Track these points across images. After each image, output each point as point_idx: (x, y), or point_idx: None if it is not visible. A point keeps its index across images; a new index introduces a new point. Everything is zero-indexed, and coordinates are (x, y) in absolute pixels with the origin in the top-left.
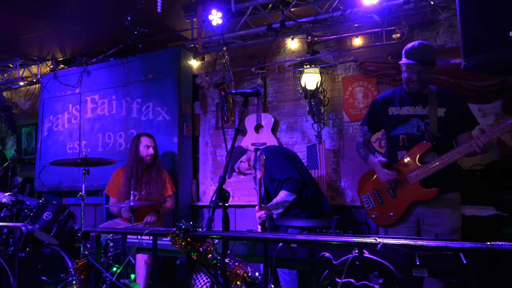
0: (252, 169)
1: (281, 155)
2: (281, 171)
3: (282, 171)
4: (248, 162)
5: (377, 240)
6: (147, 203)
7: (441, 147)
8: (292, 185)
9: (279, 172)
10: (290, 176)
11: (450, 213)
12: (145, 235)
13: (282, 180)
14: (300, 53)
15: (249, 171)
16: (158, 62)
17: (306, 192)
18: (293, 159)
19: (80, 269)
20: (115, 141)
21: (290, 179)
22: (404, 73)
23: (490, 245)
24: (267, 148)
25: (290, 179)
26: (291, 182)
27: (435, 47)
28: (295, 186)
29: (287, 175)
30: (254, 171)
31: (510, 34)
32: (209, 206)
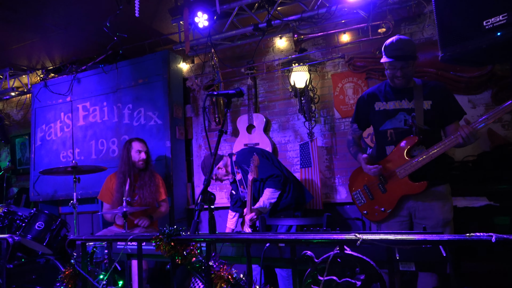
0: (229, 175)
1: (258, 155)
2: (262, 170)
3: (263, 170)
4: (225, 168)
5: (357, 236)
6: (140, 208)
7: (429, 140)
8: (275, 181)
9: (260, 171)
10: (271, 173)
11: (441, 206)
12: (130, 241)
13: (264, 179)
14: (288, 51)
15: (226, 177)
16: (147, 66)
17: (288, 186)
18: (269, 157)
19: (67, 278)
20: (108, 147)
21: (272, 176)
22: (386, 71)
23: (468, 236)
24: (243, 150)
25: (272, 176)
26: (274, 179)
27: (422, 40)
28: (278, 182)
29: (269, 173)
30: (231, 177)
31: (483, 24)
32: (194, 209)
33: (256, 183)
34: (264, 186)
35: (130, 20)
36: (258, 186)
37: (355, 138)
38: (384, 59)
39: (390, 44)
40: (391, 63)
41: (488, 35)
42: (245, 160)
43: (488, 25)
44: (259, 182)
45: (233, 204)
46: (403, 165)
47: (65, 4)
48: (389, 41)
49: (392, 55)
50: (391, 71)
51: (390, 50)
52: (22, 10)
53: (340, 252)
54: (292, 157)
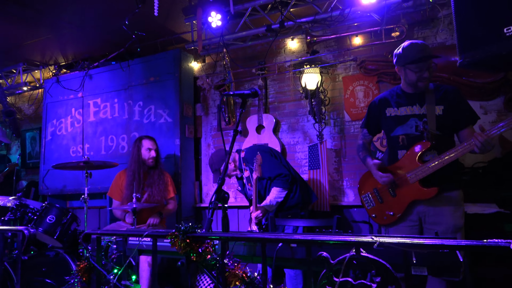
0: (237, 170)
1: (266, 153)
2: (270, 169)
3: (271, 168)
4: (233, 163)
5: (374, 239)
6: (150, 205)
7: (441, 145)
8: (283, 181)
9: (268, 170)
10: (279, 172)
11: (452, 211)
12: (145, 236)
13: (272, 178)
14: (300, 53)
15: (234, 172)
16: (159, 65)
17: (295, 186)
18: (278, 157)
19: (82, 271)
20: (117, 144)
21: (280, 175)
22: (410, 75)
23: (486, 242)
24: (251, 148)
25: (280, 176)
26: (282, 178)
27: (435, 44)
28: (285, 181)
29: (277, 172)
30: (239, 172)
31: (504, 30)
32: (209, 207)
33: (263, 181)
34: (271, 185)
35: (143, 18)
36: (265, 185)
37: (365, 143)
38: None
39: (411, 47)
40: (419, 65)
41: (508, 41)
42: (254, 157)
43: (509, 32)
44: (267, 180)
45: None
46: (414, 170)
47: (81, 2)
48: (407, 45)
49: (418, 56)
50: (418, 73)
51: (414, 52)
52: (39, 8)
53: (356, 254)
54: (300, 159)
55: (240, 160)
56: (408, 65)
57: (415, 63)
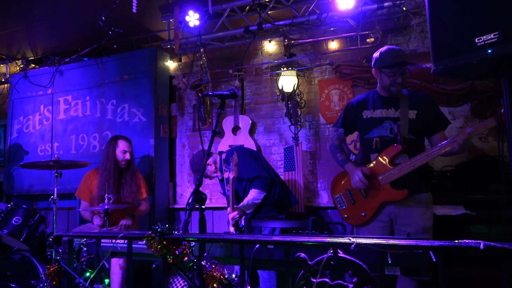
0: (218, 171)
1: (246, 154)
2: (249, 170)
3: (250, 170)
4: (214, 165)
5: (351, 240)
6: (122, 206)
7: (412, 149)
8: (262, 182)
9: (247, 171)
10: (258, 174)
11: (422, 213)
12: (120, 238)
13: (251, 179)
14: (277, 55)
15: (215, 174)
16: (134, 62)
17: (274, 189)
18: (258, 158)
19: (52, 274)
20: (89, 143)
21: (259, 177)
22: (385, 79)
23: (458, 243)
24: (232, 149)
25: (258, 177)
26: (260, 180)
27: (407, 51)
28: (264, 183)
29: (256, 174)
30: (220, 174)
31: (476, 40)
32: (186, 208)
33: (243, 183)
34: (250, 187)
35: (119, 14)
36: (244, 186)
37: (341, 143)
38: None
39: (387, 52)
40: (393, 70)
41: (479, 51)
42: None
43: (480, 42)
44: (246, 182)
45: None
46: (386, 173)
47: None
48: (385, 50)
49: (393, 62)
50: (391, 78)
51: (390, 58)
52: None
53: (334, 254)
54: (276, 160)
55: (221, 162)
56: (383, 69)
57: (389, 68)
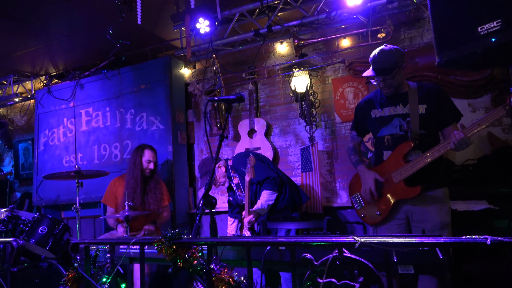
0: (225, 178)
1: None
2: (258, 173)
3: (259, 172)
4: (224, 167)
5: (355, 239)
6: (142, 212)
7: (426, 144)
8: (272, 183)
9: (256, 174)
10: (267, 175)
11: (438, 209)
12: (132, 244)
13: (261, 181)
14: (289, 56)
15: (222, 179)
16: (149, 72)
17: (284, 188)
18: (265, 161)
19: (70, 281)
20: (110, 152)
21: (269, 178)
22: (373, 81)
23: (464, 238)
24: (238, 155)
25: (268, 179)
26: (270, 181)
27: (422, 44)
28: (274, 184)
29: (265, 175)
30: (228, 181)
31: (478, 30)
32: (196, 213)
33: (252, 187)
34: (261, 189)
35: (132, 27)
36: (255, 189)
37: (355, 145)
38: (367, 72)
39: (372, 57)
40: (373, 76)
41: (482, 40)
42: (242, 162)
43: (483, 31)
44: (256, 185)
45: (231, 210)
46: (398, 170)
47: (69, 12)
48: (373, 54)
49: (373, 68)
50: (376, 83)
51: (372, 63)
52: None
53: (339, 254)
54: (293, 161)
55: (229, 169)
56: (365, 75)
57: (367, 75)
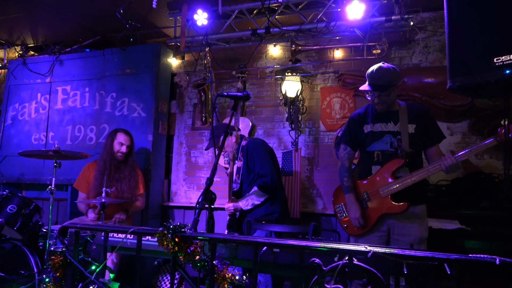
0: (234, 148)
1: (266, 151)
2: (262, 166)
3: (264, 166)
4: (236, 138)
5: (367, 249)
6: (119, 200)
7: (413, 162)
8: (267, 184)
9: (260, 165)
10: (268, 173)
11: (418, 224)
12: (130, 233)
13: (260, 175)
14: (281, 60)
15: (230, 148)
16: (137, 57)
17: (279, 195)
18: (275, 161)
19: (56, 266)
20: (85, 134)
21: (267, 177)
22: (367, 96)
23: (473, 257)
24: (255, 140)
25: (267, 177)
26: (267, 180)
27: (410, 65)
28: (270, 185)
29: (266, 171)
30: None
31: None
32: (195, 207)
33: (251, 175)
34: (255, 183)
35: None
36: (251, 179)
37: (350, 165)
38: (364, 86)
39: (370, 73)
40: (369, 91)
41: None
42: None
43: (498, 62)
44: (253, 175)
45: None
46: (387, 185)
47: None
48: (371, 69)
49: (370, 83)
50: (371, 97)
51: (369, 78)
52: None
53: (349, 262)
54: None
55: (240, 146)
56: (362, 88)
57: (364, 89)
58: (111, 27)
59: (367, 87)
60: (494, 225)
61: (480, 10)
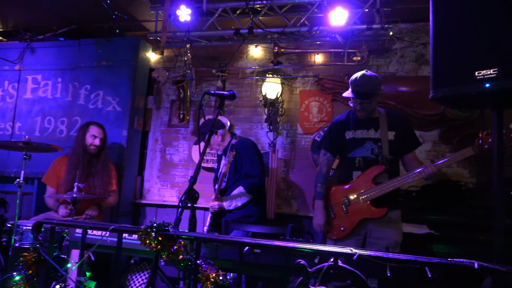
0: (221, 147)
1: (256, 153)
2: (252, 167)
3: (253, 167)
4: (222, 137)
5: (353, 251)
6: (91, 196)
7: (392, 169)
8: (254, 185)
9: (249, 166)
10: (257, 174)
11: (394, 229)
12: (111, 231)
13: (248, 175)
14: (262, 61)
15: (217, 146)
16: (114, 49)
17: (261, 198)
18: (263, 164)
19: (29, 263)
20: (55, 127)
21: (255, 178)
22: (350, 102)
23: (453, 261)
24: (246, 140)
25: (255, 178)
26: (254, 181)
27: (386, 73)
28: (256, 187)
29: (255, 173)
30: (221, 149)
31: (475, 74)
32: (178, 206)
33: (237, 175)
34: (241, 182)
35: None
36: (237, 178)
37: (328, 172)
38: (347, 93)
39: (354, 80)
40: (352, 97)
41: (478, 84)
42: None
43: (480, 76)
44: (240, 175)
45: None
46: (368, 191)
47: None
48: (354, 76)
49: (353, 90)
50: (353, 104)
51: (353, 85)
52: None
53: (334, 264)
54: None
55: (230, 145)
56: (345, 95)
57: (348, 96)
58: (88, 17)
59: (350, 94)
60: (461, 230)
61: (465, 24)
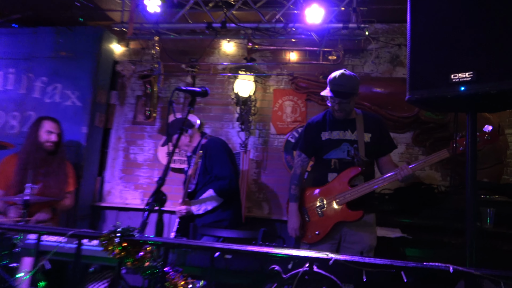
0: (190, 148)
1: (227, 153)
2: (222, 168)
3: (223, 168)
4: (190, 138)
5: (328, 256)
6: (45, 198)
7: (368, 171)
8: (224, 188)
9: (219, 167)
10: (226, 176)
11: (369, 233)
12: (69, 236)
13: (218, 177)
14: (234, 57)
15: (185, 147)
16: (75, 39)
17: (233, 201)
18: (235, 164)
19: None
20: (6, 121)
21: (225, 180)
22: (328, 102)
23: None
24: (216, 139)
25: (225, 180)
26: (224, 184)
27: (361, 74)
28: (227, 190)
29: (225, 174)
30: (190, 150)
31: (451, 77)
32: (144, 209)
33: (207, 177)
34: (211, 185)
35: None
36: (207, 180)
37: (302, 173)
38: (325, 92)
39: (333, 79)
40: (331, 97)
41: (453, 87)
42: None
43: (455, 79)
44: (210, 177)
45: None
46: (343, 193)
47: None
48: (333, 75)
49: (332, 89)
50: (331, 104)
51: (332, 84)
52: None
53: (309, 269)
54: None
55: (199, 145)
56: (324, 94)
57: (326, 95)
58: (46, 3)
59: (329, 93)
60: (433, 234)
61: (442, 27)
